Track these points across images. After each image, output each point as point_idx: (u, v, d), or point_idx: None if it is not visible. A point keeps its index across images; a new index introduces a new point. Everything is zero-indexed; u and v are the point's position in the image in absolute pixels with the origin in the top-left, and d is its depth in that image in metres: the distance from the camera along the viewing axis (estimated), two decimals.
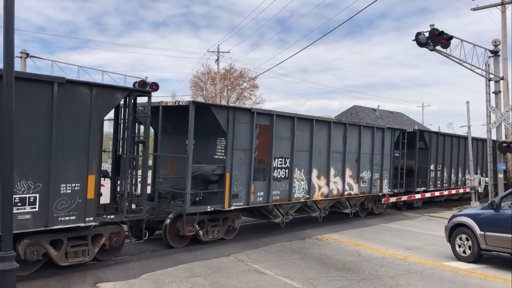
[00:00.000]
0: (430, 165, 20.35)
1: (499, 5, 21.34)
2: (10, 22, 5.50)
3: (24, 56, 20.41)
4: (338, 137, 14.94)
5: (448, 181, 22.05)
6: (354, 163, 15.67)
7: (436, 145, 20.91)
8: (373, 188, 16.67)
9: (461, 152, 22.76)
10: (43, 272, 8.35)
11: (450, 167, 21.98)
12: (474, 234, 9.92)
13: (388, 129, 17.78)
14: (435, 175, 20.95)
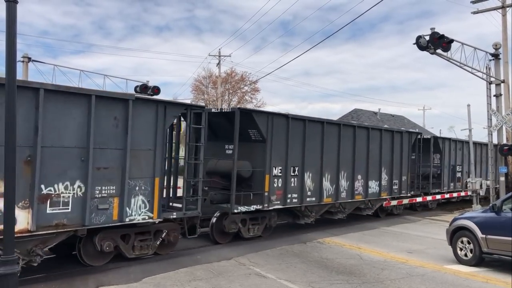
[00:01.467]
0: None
1: (499, 8, 21.37)
2: (12, 27, 5.53)
3: (26, 61, 20.48)
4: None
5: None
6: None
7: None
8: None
9: None
10: (45, 275, 8.36)
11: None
12: (475, 237, 9.90)
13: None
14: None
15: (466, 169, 23.28)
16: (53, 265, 8.71)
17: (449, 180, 22.06)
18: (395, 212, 18.98)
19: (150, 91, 21.73)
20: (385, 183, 17.01)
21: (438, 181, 21.57)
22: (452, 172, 22.32)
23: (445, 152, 21.90)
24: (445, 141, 22.30)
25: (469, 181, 20.18)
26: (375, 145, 16.46)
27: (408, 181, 18.50)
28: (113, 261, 9.63)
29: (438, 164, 21.67)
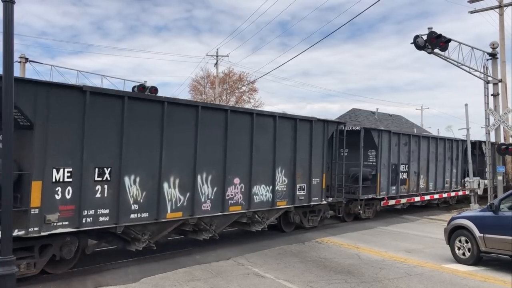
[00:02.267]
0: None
1: (496, 7, 21.47)
2: (10, 27, 5.52)
3: (23, 61, 20.41)
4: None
5: None
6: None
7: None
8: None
9: None
10: (44, 276, 8.35)
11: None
12: (473, 237, 9.93)
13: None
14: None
15: (415, 169, 19.41)
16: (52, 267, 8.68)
17: (389, 182, 17.95)
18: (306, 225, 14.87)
19: (148, 91, 21.71)
20: (282, 188, 12.92)
21: (374, 184, 17.40)
22: (393, 172, 18.19)
23: (383, 147, 17.68)
24: (382, 134, 17.92)
25: (467, 180, 20.23)
26: (265, 138, 12.34)
27: (324, 185, 14.35)
28: (112, 260, 9.63)
29: (374, 162, 17.65)
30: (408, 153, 19.12)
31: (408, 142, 19.18)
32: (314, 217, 14.66)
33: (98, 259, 9.84)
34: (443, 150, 21.58)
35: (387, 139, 18.01)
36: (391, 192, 18.22)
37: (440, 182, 21.43)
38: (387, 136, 18.09)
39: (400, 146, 18.61)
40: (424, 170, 20.17)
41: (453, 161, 22.52)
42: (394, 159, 18.31)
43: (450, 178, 22.31)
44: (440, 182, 21.37)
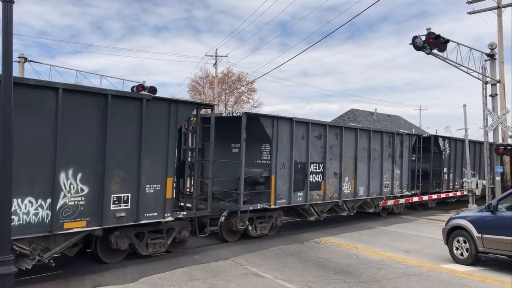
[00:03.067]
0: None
1: (495, 8, 21.49)
2: (9, 27, 5.53)
3: (22, 61, 20.41)
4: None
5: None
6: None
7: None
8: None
9: None
10: (42, 276, 8.35)
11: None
12: (471, 237, 9.95)
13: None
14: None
15: (335, 169, 15.12)
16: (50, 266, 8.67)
17: (291, 187, 13.29)
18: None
19: (147, 91, 21.71)
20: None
21: (268, 189, 12.77)
22: (299, 173, 13.63)
23: (279, 140, 12.96)
24: (279, 122, 12.98)
25: (465, 181, 20.25)
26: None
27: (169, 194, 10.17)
28: (111, 259, 9.62)
29: (268, 160, 13.06)
30: (324, 149, 14.51)
31: (323, 135, 14.51)
32: (159, 240, 10.28)
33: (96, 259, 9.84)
34: (380, 146, 17.26)
35: (287, 130, 13.20)
36: (296, 199, 13.54)
37: (376, 185, 17.08)
38: (286, 126, 13.20)
39: (310, 139, 13.91)
40: (350, 170, 15.74)
41: (396, 160, 18.19)
42: (301, 156, 13.62)
43: (391, 180, 17.98)
44: (375, 186, 17.04)
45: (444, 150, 21.77)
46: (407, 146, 19.04)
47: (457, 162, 22.67)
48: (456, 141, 22.77)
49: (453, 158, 22.46)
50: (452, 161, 22.32)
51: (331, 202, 15.07)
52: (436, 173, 21.40)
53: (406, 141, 19.00)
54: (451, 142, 22.35)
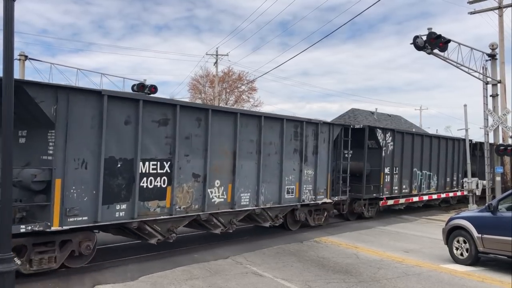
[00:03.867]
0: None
1: (496, 8, 21.48)
2: (10, 25, 5.52)
3: (23, 59, 20.41)
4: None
5: None
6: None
7: None
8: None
9: None
10: (42, 274, 8.34)
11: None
12: (471, 237, 9.95)
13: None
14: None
15: (195, 170, 10.60)
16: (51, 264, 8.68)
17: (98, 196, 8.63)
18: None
19: (147, 90, 21.72)
20: None
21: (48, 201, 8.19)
22: (122, 176, 9.15)
23: (73, 125, 8.34)
24: (73, 97, 8.31)
25: (465, 181, 20.25)
26: None
27: None
28: (111, 259, 9.64)
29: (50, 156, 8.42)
30: (173, 140, 10.09)
31: (170, 119, 10.04)
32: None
33: (96, 257, 9.85)
34: (280, 138, 12.90)
35: (93, 110, 8.68)
36: (112, 215, 8.95)
37: (273, 191, 12.69)
38: (90, 104, 8.66)
39: (143, 125, 9.45)
40: (225, 171, 11.37)
41: (308, 157, 13.81)
42: (123, 150, 9.14)
43: (298, 184, 13.55)
44: (272, 192, 12.65)
45: (385, 145, 17.56)
46: (326, 139, 14.71)
47: (404, 161, 18.60)
48: (403, 134, 18.99)
49: (399, 156, 18.33)
50: (397, 159, 18.20)
51: (186, 216, 10.55)
52: (375, 174, 17.36)
53: (324, 132, 14.60)
54: (395, 136, 18.15)
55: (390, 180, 17.95)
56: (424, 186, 20.18)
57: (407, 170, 18.90)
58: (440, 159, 21.16)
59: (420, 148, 19.76)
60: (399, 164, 18.37)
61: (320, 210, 14.99)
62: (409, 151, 19.06)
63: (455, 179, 22.61)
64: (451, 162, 22.21)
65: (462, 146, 22.41)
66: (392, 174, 18.00)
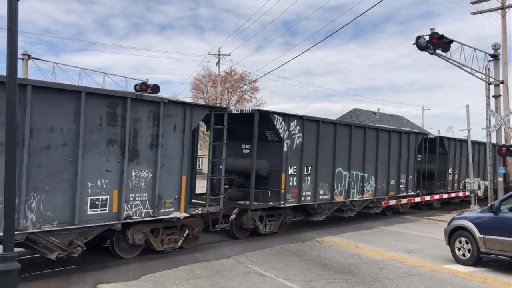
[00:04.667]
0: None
1: (499, 9, 21.44)
2: (14, 25, 5.54)
3: (26, 58, 20.46)
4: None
5: None
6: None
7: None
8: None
9: None
10: (44, 273, 8.38)
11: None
12: (473, 237, 9.94)
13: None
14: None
15: None
16: (52, 263, 8.71)
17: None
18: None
19: (150, 89, 21.75)
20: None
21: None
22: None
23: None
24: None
25: (467, 181, 20.22)
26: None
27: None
28: (112, 258, 9.66)
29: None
30: None
31: None
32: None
33: (98, 256, 9.88)
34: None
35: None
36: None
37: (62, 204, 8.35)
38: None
39: None
40: None
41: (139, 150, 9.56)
42: None
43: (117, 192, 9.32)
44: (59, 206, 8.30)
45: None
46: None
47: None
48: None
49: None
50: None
51: None
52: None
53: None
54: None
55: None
56: (355, 191, 15.67)
57: (326, 171, 14.46)
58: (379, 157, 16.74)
59: (347, 143, 15.26)
60: (313, 162, 13.96)
61: (176, 227, 10.69)
62: (330, 145, 14.60)
63: (404, 181, 18.29)
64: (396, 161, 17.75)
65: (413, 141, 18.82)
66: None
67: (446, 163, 21.41)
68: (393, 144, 17.45)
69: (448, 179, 21.66)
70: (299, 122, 13.39)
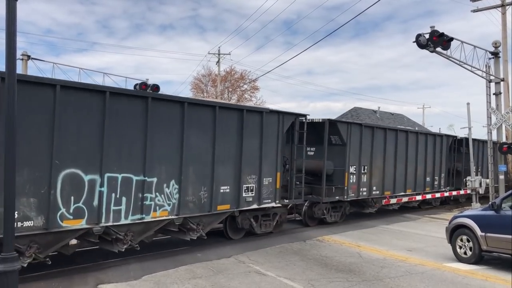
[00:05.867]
0: None
1: (499, 6, 21.38)
2: (12, 25, 5.52)
3: (26, 58, 20.46)
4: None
5: None
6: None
7: None
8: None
9: None
10: (45, 273, 8.37)
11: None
12: (475, 235, 9.92)
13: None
14: None
15: None
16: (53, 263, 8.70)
17: None
18: None
19: (149, 89, 21.73)
20: None
21: None
22: None
23: None
24: None
25: (468, 179, 20.18)
26: None
27: None
28: (113, 258, 9.65)
29: None
30: None
31: None
32: None
33: (99, 256, 9.87)
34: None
35: None
36: None
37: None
38: None
39: None
40: None
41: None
42: None
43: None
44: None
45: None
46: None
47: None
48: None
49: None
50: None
51: None
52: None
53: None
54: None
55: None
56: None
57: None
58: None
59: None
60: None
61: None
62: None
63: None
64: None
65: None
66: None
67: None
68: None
69: None
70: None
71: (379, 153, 16.83)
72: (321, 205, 14.90)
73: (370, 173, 16.29)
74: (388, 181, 17.30)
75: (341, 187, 15.16)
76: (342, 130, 15.07)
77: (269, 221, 12.85)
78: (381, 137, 16.94)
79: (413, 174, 18.80)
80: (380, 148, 16.85)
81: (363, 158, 15.87)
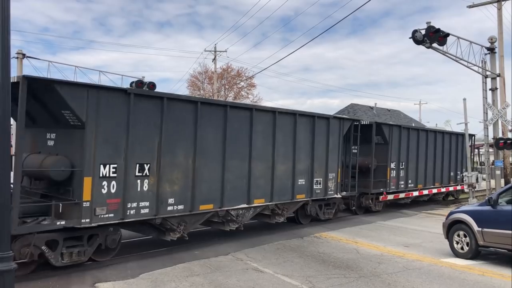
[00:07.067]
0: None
1: (495, 2, 21.42)
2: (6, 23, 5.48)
3: (21, 57, 20.36)
4: None
5: None
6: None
7: None
8: None
9: None
10: (42, 272, 8.35)
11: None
12: (471, 231, 9.95)
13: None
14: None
15: None
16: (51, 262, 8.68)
17: None
18: None
19: (146, 87, 21.64)
20: None
21: None
22: None
23: None
24: None
25: (465, 175, 20.24)
26: None
27: None
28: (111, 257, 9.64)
29: None
30: None
31: None
32: None
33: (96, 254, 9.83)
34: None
35: None
36: None
37: None
38: None
39: None
40: None
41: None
42: None
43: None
44: None
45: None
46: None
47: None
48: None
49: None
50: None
51: None
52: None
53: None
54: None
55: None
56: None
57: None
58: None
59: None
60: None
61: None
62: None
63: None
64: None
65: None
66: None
67: None
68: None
69: None
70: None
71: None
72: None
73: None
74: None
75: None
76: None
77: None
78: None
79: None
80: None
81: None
